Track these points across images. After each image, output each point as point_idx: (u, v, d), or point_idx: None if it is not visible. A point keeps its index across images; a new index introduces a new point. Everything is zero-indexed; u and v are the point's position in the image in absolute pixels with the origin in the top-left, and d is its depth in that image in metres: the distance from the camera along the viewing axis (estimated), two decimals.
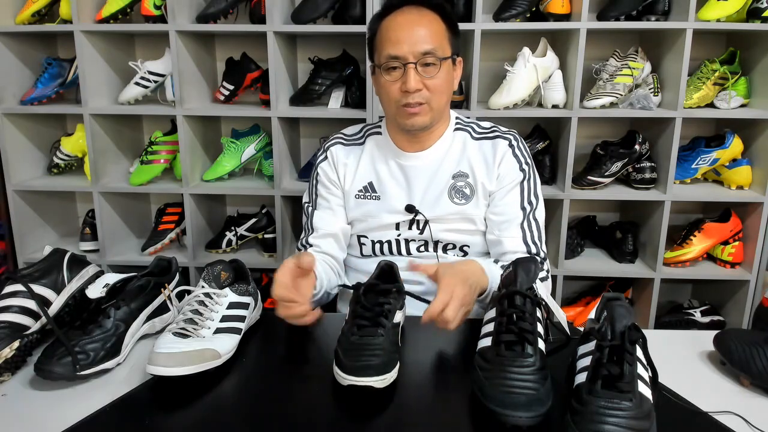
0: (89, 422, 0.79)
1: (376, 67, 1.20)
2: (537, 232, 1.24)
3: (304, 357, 0.99)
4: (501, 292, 0.88)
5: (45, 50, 2.12)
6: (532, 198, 1.25)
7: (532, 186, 1.26)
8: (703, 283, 2.19)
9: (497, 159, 1.24)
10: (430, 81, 1.15)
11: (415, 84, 1.13)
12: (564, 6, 1.84)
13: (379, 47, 1.18)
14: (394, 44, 1.14)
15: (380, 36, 1.18)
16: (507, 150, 1.24)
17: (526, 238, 1.23)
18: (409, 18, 1.16)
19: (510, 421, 0.73)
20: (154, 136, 2.03)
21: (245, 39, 2.11)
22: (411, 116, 1.17)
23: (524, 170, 1.25)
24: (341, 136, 1.35)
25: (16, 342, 0.90)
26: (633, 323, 0.76)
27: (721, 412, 0.81)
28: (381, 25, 1.19)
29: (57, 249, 1.05)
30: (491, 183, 1.24)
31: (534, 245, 1.23)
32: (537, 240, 1.24)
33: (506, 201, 1.24)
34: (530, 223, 1.24)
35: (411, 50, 1.13)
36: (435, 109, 1.19)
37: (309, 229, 1.30)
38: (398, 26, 1.16)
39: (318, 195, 1.31)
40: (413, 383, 0.89)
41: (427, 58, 1.14)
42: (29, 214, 2.10)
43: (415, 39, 1.13)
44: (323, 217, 1.29)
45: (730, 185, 1.96)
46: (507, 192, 1.24)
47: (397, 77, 1.16)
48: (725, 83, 1.89)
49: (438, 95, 1.17)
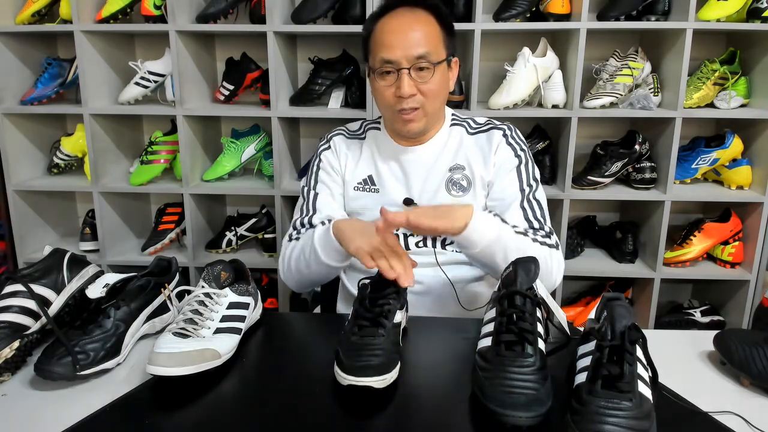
0: (89, 422, 0.79)
1: (370, 69, 1.20)
2: (539, 210, 1.22)
3: (304, 357, 0.99)
4: (501, 292, 0.88)
5: (45, 50, 2.12)
6: (531, 181, 1.24)
7: (530, 170, 1.25)
8: (703, 283, 2.19)
9: (492, 149, 1.24)
10: (424, 86, 1.15)
11: (409, 89, 1.14)
12: (564, 6, 1.84)
13: (374, 50, 1.18)
14: (388, 49, 1.14)
15: (374, 38, 1.18)
16: (501, 139, 1.25)
17: (528, 215, 1.21)
18: (403, 21, 1.16)
19: (510, 421, 0.73)
20: (154, 136, 2.03)
21: (245, 39, 2.12)
22: (406, 123, 1.18)
23: (519, 156, 1.24)
24: (344, 129, 1.36)
25: (16, 342, 0.90)
26: (633, 323, 0.76)
27: (721, 412, 0.81)
28: (376, 26, 1.19)
29: (57, 249, 1.05)
30: (488, 173, 1.24)
31: (537, 221, 1.21)
32: (540, 217, 1.22)
33: (504, 186, 1.23)
34: (530, 202, 1.22)
35: (404, 54, 1.13)
36: (429, 113, 1.19)
37: (308, 209, 1.27)
38: (392, 30, 1.15)
39: (319, 180, 1.31)
40: (413, 383, 0.89)
41: (421, 62, 1.14)
42: (29, 214, 2.10)
43: (409, 43, 1.13)
44: (324, 200, 1.28)
45: (730, 185, 1.96)
46: (504, 177, 1.23)
47: (391, 82, 1.16)
48: (725, 83, 1.89)
49: (432, 99, 1.18)
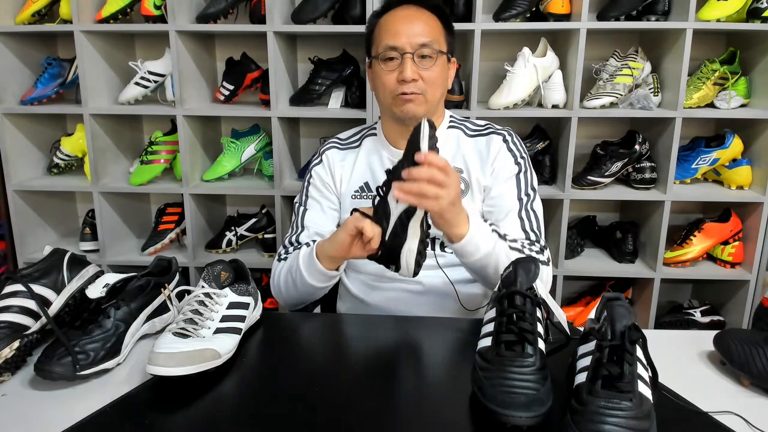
0: (89, 422, 0.79)
1: (373, 58, 1.22)
2: (536, 221, 1.24)
3: (304, 357, 0.99)
4: (501, 292, 0.88)
5: (45, 50, 2.12)
6: (529, 190, 1.25)
7: (528, 179, 1.25)
8: (703, 283, 2.19)
9: (492, 154, 1.24)
10: (426, 72, 1.17)
11: (412, 73, 1.16)
12: (564, 6, 1.84)
13: (377, 39, 1.21)
14: (393, 35, 1.17)
15: (379, 30, 1.21)
16: (501, 145, 1.25)
17: (525, 226, 1.22)
18: (408, 13, 1.20)
19: (510, 421, 0.73)
20: (154, 136, 2.03)
21: (245, 39, 2.12)
22: (406, 103, 1.18)
23: (519, 163, 1.25)
24: (336, 140, 1.36)
25: (16, 342, 0.90)
26: (633, 323, 0.76)
27: (721, 412, 0.81)
28: (380, 20, 1.22)
29: (57, 249, 1.05)
30: (486, 178, 1.24)
31: (533, 233, 1.22)
32: (536, 229, 1.23)
33: (502, 193, 1.24)
34: (528, 212, 1.23)
35: (409, 41, 1.16)
36: (430, 101, 1.20)
37: (298, 227, 1.29)
38: (398, 19, 1.19)
39: (309, 196, 1.32)
40: (413, 383, 0.89)
41: (424, 50, 1.17)
42: (29, 214, 2.10)
43: (414, 32, 1.16)
44: (313, 217, 1.29)
45: (730, 185, 1.96)
46: (503, 183, 1.24)
47: (393, 67, 1.18)
48: (725, 83, 1.89)
49: (433, 87, 1.19)
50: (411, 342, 1.02)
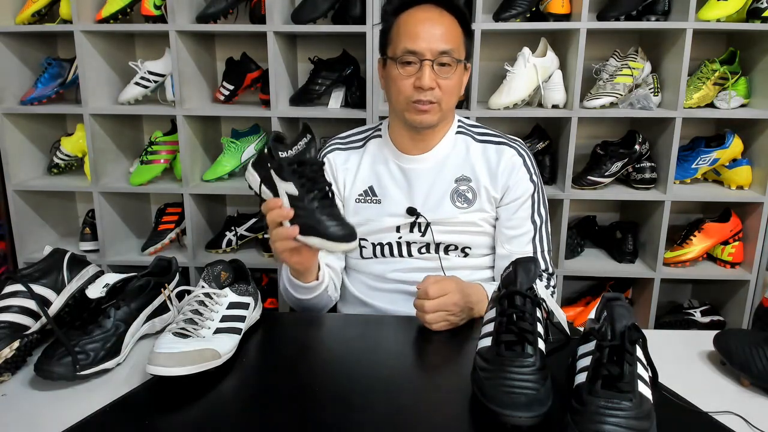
0: (89, 422, 0.79)
1: (389, 59, 1.18)
2: (547, 247, 1.26)
3: (304, 357, 0.99)
4: (501, 292, 0.88)
5: (45, 50, 2.12)
6: (542, 210, 1.26)
7: (541, 197, 1.27)
8: (703, 283, 2.19)
9: (503, 167, 1.23)
10: (444, 81, 1.15)
11: (430, 82, 1.13)
12: (564, 6, 1.84)
13: (395, 40, 1.16)
14: (413, 39, 1.13)
15: (397, 29, 1.17)
16: (518, 160, 1.24)
17: (537, 254, 1.24)
18: (429, 15, 1.15)
19: (510, 421, 0.73)
20: (154, 136, 2.03)
21: (245, 39, 2.11)
22: (420, 113, 1.16)
23: (534, 181, 1.25)
24: (338, 141, 1.33)
25: (16, 342, 0.90)
26: (633, 323, 0.76)
27: (721, 412, 0.81)
28: (399, 18, 1.17)
29: (57, 249, 1.05)
30: (495, 189, 1.24)
31: (544, 262, 1.25)
32: (547, 255, 1.26)
33: (519, 215, 1.24)
34: (542, 238, 1.25)
35: (429, 47, 1.12)
36: (444, 109, 1.18)
37: None
38: (418, 21, 1.14)
39: None
40: (413, 383, 0.89)
41: (444, 57, 1.13)
42: (29, 214, 2.10)
43: (434, 37, 1.13)
44: None
45: (730, 185, 1.96)
46: (519, 206, 1.24)
47: (411, 72, 1.14)
48: (725, 83, 1.89)
49: (449, 96, 1.17)
50: (411, 342, 1.02)
